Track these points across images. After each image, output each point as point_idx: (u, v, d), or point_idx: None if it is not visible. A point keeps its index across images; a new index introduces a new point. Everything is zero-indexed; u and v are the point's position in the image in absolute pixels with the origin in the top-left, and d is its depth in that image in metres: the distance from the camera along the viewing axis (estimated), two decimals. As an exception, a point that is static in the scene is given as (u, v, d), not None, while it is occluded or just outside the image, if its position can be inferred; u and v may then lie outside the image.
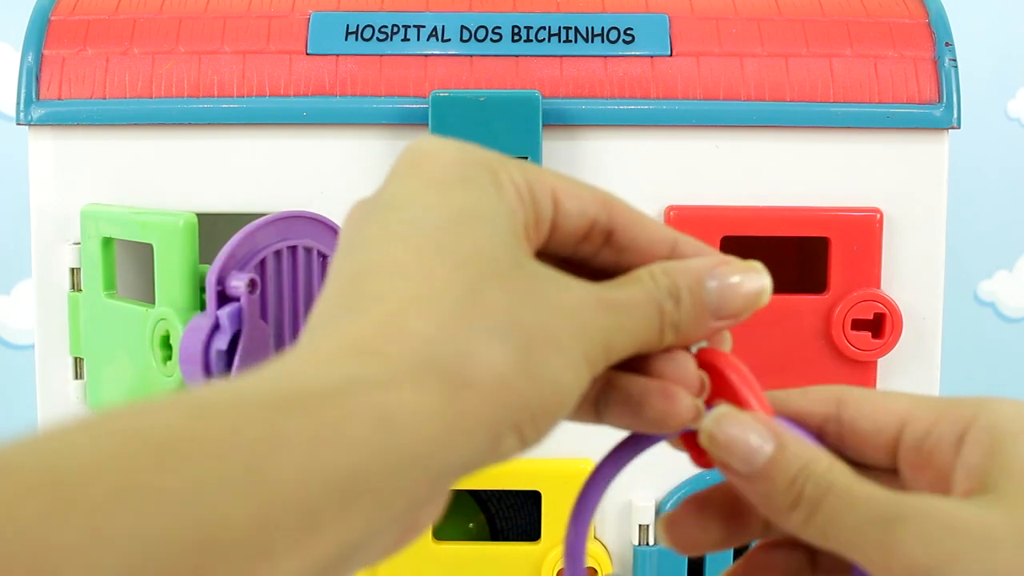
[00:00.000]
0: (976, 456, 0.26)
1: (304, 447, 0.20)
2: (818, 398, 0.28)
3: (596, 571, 0.47)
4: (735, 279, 0.26)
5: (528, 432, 0.23)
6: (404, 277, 0.23)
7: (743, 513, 0.28)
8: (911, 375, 0.47)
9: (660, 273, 0.26)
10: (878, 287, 0.46)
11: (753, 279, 0.26)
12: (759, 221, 0.46)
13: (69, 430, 0.19)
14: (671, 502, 0.47)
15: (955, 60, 0.47)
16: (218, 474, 0.19)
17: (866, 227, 0.46)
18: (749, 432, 0.26)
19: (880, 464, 0.28)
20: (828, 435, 0.28)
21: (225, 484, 0.19)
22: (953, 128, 0.46)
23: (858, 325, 0.46)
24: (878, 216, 0.46)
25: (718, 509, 0.29)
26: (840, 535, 0.25)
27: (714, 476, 0.49)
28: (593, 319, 0.24)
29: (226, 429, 0.19)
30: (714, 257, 0.26)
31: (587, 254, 0.27)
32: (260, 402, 0.20)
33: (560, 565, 0.47)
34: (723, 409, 0.26)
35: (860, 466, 0.27)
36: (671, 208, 0.46)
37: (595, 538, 0.47)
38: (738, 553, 0.48)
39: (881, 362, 0.47)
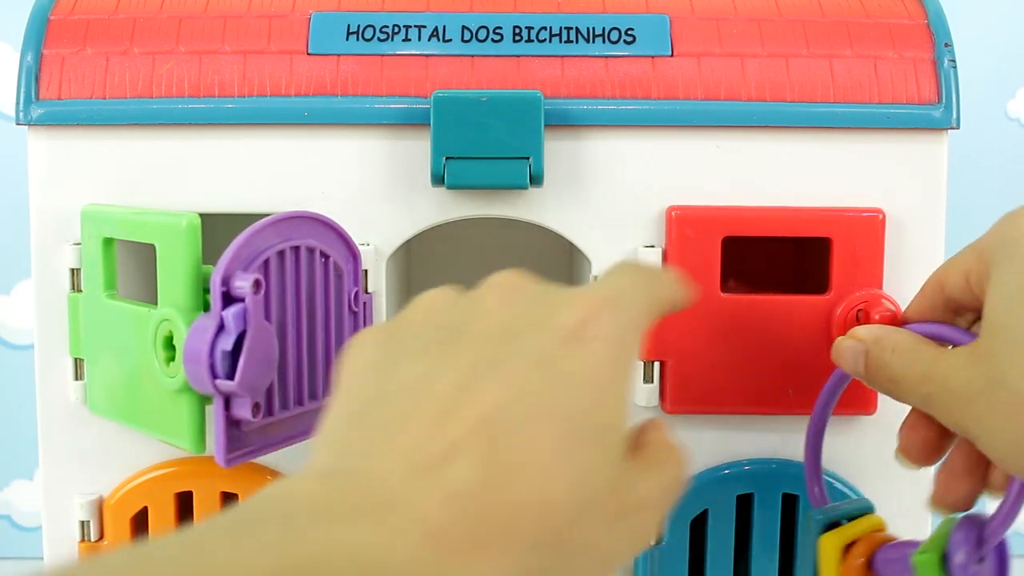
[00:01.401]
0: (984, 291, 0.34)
1: None
2: (924, 296, 0.38)
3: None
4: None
5: None
6: (534, 472, 0.25)
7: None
8: (911, 375, 0.47)
9: (668, 449, 0.31)
10: (880, 287, 0.46)
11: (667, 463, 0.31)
12: (760, 221, 0.46)
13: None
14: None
15: (954, 61, 0.47)
16: None
17: (868, 227, 0.46)
18: (844, 343, 0.38)
19: None
20: (967, 309, 0.36)
21: None
22: (953, 128, 0.47)
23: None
24: (880, 216, 0.46)
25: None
26: (909, 403, 0.36)
27: (712, 476, 0.49)
28: (652, 523, 0.29)
29: None
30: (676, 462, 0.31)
31: None
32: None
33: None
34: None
35: None
36: (672, 208, 0.46)
37: (596, 538, 0.47)
38: (740, 551, 0.48)
39: (882, 362, 0.47)
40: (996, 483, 0.36)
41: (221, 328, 0.37)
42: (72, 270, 0.46)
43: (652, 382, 0.46)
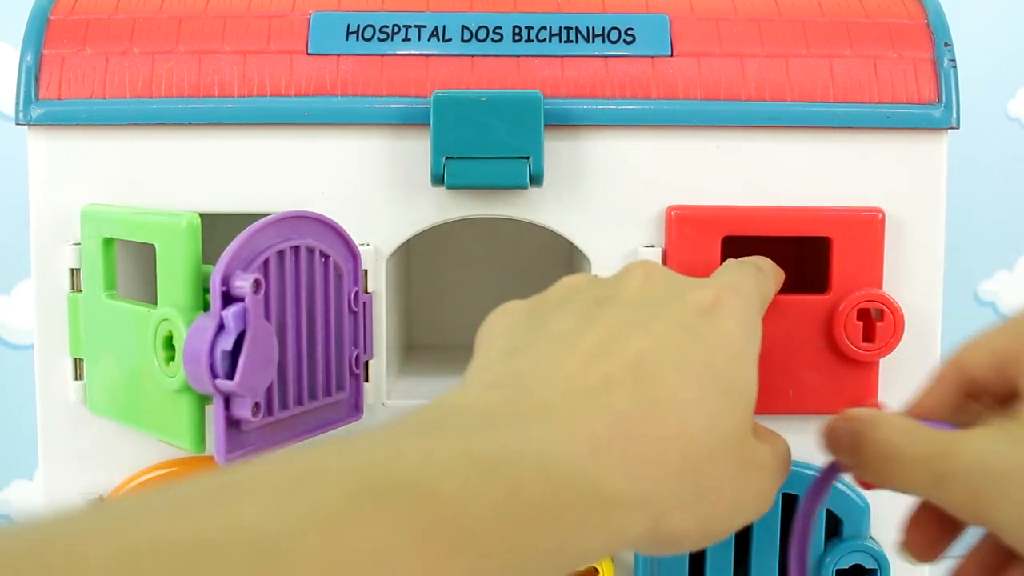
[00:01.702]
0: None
1: (587, 537, 0.25)
2: (943, 381, 0.34)
3: (597, 571, 0.47)
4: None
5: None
6: (679, 409, 0.28)
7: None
8: (911, 375, 0.47)
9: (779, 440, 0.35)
10: (880, 287, 0.45)
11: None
12: (760, 221, 0.46)
13: (455, 462, 0.23)
14: (672, 502, 0.47)
15: (954, 60, 0.47)
16: (544, 543, 0.24)
17: (868, 226, 0.45)
18: (836, 423, 0.34)
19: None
20: (989, 393, 0.33)
21: (544, 551, 0.24)
22: (953, 128, 0.47)
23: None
24: (880, 215, 0.46)
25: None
26: (912, 490, 0.32)
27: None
28: (772, 486, 0.32)
29: (559, 510, 0.24)
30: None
31: None
32: (579, 490, 0.25)
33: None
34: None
35: None
36: (672, 208, 0.46)
37: (596, 538, 0.48)
38: (739, 552, 0.48)
39: (882, 362, 0.47)
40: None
41: (221, 328, 0.37)
42: (72, 270, 0.46)
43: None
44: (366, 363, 0.46)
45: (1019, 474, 0.28)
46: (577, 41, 0.47)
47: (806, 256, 0.60)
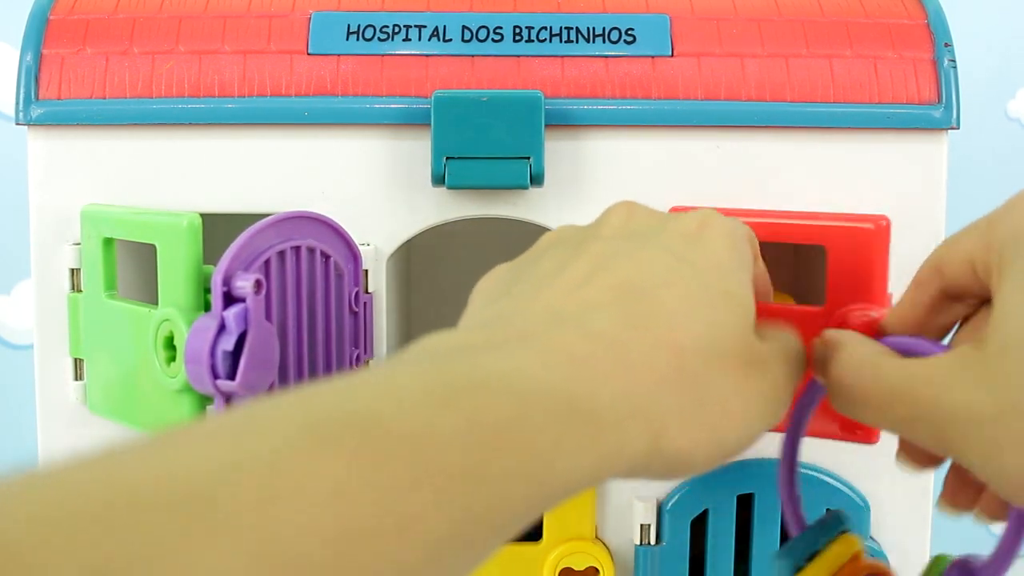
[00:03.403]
0: (993, 288, 0.29)
1: (575, 455, 0.24)
2: (920, 285, 0.33)
3: (598, 571, 0.47)
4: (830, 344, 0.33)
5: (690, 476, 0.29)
6: (668, 320, 0.28)
7: None
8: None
9: (783, 327, 0.33)
10: (884, 302, 0.41)
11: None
12: (755, 228, 0.44)
13: (414, 395, 0.22)
14: (672, 502, 0.47)
15: (954, 60, 0.47)
16: (527, 464, 0.22)
17: (867, 238, 0.40)
18: (816, 344, 0.33)
19: None
20: (968, 295, 0.32)
21: (529, 474, 0.22)
22: (953, 128, 0.47)
23: None
24: (884, 223, 0.40)
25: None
26: (878, 427, 0.31)
27: (712, 476, 0.49)
28: (787, 383, 0.31)
29: (538, 426, 0.23)
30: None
31: None
32: (556, 403, 0.24)
33: (562, 565, 0.47)
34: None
35: None
36: (671, 209, 0.46)
37: (596, 538, 0.48)
38: (739, 552, 0.48)
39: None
40: (991, 510, 0.32)
41: (222, 328, 0.37)
42: (72, 270, 0.46)
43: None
44: (366, 363, 0.46)
45: (989, 422, 0.27)
46: (577, 41, 0.47)
47: (804, 261, 0.60)
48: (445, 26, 0.47)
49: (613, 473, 0.25)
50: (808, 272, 0.58)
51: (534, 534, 0.48)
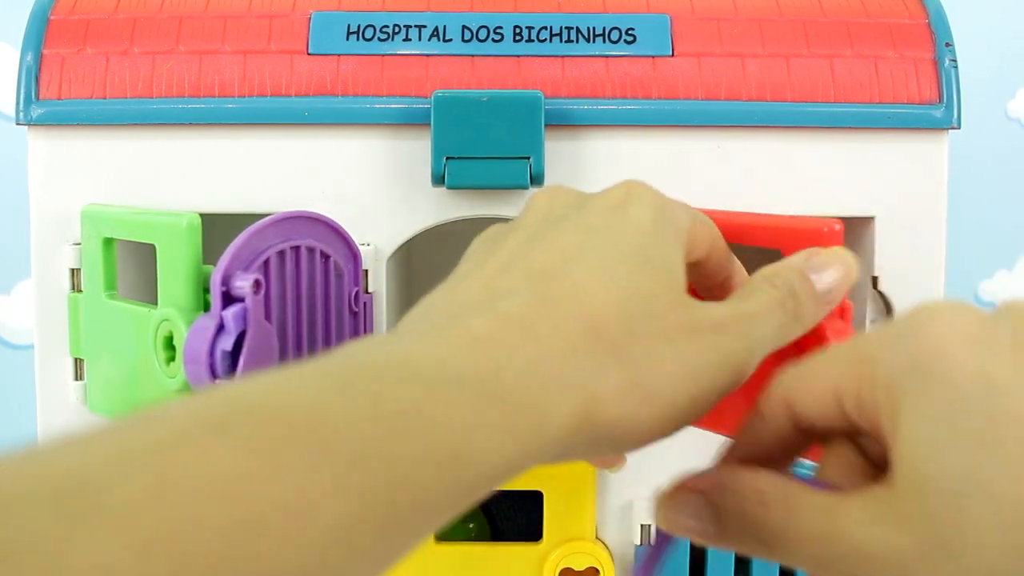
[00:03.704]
0: (882, 425, 0.26)
1: (491, 435, 0.23)
2: (764, 419, 0.30)
3: (598, 571, 0.47)
4: (831, 265, 0.31)
5: (643, 446, 0.27)
6: (580, 294, 0.27)
7: None
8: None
9: (772, 276, 0.31)
10: (839, 313, 0.36)
11: (840, 260, 0.31)
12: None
13: (316, 382, 0.21)
14: (672, 502, 0.47)
15: (955, 60, 0.47)
16: (433, 449, 0.21)
17: (821, 240, 0.36)
18: (677, 497, 0.29)
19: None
20: (818, 429, 0.29)
21: (436, 459, 0.21)
22: (953, 128, 0.46)
23: None
24: (838, 228, 0.36)
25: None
26: (789, 565, 0.27)
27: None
28: (735, 344, 0.28)
29: (445, 410, 0.22)
30: (804, 252, 0.31)
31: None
32: (466, 384, 0.23)
33: (562, 565, 0.47)
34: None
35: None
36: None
37: (596, 538, 0.48)
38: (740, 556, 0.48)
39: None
40: None
41: (221, 328, 0.37)
42: (72, 270, 0.46)
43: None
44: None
45: (916, 565, 0.24)
46: (578, 41, 0.47)
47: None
48: (445, 26, 0.47)
49: (548, 451, 0.24)
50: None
51: (534, 534, 0.48)
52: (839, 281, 0.31)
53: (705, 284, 0.34)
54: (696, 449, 0.47)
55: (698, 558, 0.48)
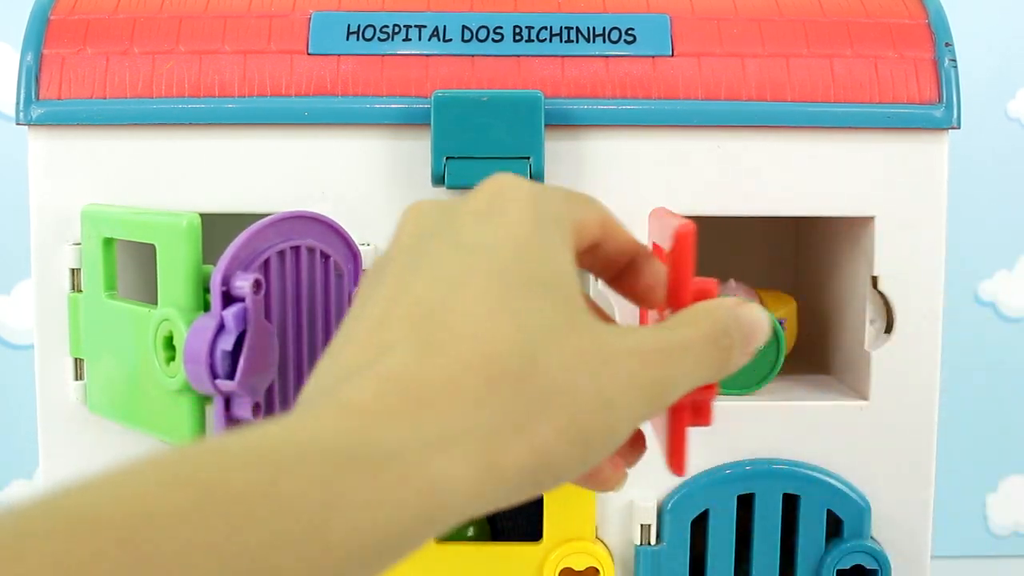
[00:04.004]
0: None
1: (362, 510, 0.21)
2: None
3: (598, 571, 0.47)
4: (756, 314, 0.30)
5: (566, 481, 0.26)
6: (472, 330, 0.25)
7: None
8: (911, 375, 0.47)
9: (712, 310, 0.29)
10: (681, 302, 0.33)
11: (762, 314, 0.30)
12: None
13: (140, 477, 0.20)
14: (672, 502, 0.47)
15: (955, 60, 0.47)
16: (286, 533, 0.20)
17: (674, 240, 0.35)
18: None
19: None
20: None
21: (291, 542, 0.20)
22: (953, 128, 0.46)
23: None
24: (691, 229, 0.34)
25: None
26: None
27: (713, 476, 0.49)
28: (651, 371, 0.27)
29: (297, 489, 0.20)
30: (734, 300, 0.30)
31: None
32: (327, 459, 0.21)
33: (562, 565, 0.47)
34: None
35: None
36: (653, 211, 0.46)
37: (596, 538, 0.48)
38: (740, 553, 0.48)
39: (882, 362, 0.47)
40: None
41: (221, 328, 0.37)
42: (72, 270, 0.46)
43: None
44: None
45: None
46: (578, 41, 0.47)
47: (807, 257, 0.60)
48: (445, 26, 0.47)
49: (456, 511, 0.23)
50: (811, 271, 0.58)
51: (534, 534, 0.48)
52: (762, 337, 0.30)
53: (609, 271, 0.32)
54: (697, 449, 0.48)
55: (698, 558, 0.48)
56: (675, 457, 0.30)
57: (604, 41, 0.47)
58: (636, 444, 0.32)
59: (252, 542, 0.19)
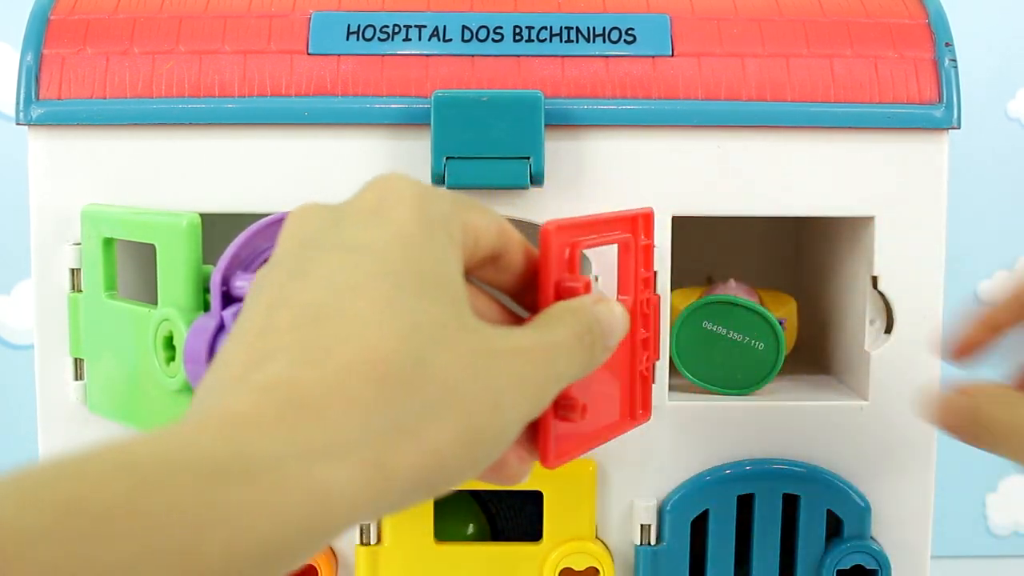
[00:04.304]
0: None
1: (237, 521, 0.20)
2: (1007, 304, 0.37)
3: (598, 571, 0.47)
4: (613, 311, 0.31)
5: (457, 484, 0.25)
6: (359, 332, 0.24)
7: None
8: (911, 375, 0.47)
9: (574, 310, 0.30)
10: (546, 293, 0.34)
11: (619, 310, 0.32)
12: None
13: (3, 497, 0.19)
14: (672, 502, 0.47)
15: (955, 60, 0.47)
16: (155, 548, 0.19)
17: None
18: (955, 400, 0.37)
19: None
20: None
21: (161, 557, 0.19)
22: (953, 128, 0.46)
23: None
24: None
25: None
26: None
27: (713, 476, 0.49)
28: (535, 370, 0.27)
29: (164, 502, 0.19)
30: (591, 296, 0.31)
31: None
32: (197, 470, 0.20)
33: (562, 565, 0.47)
34: None
35: None
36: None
37: (596, 538, 0.48)
38: (739, 553, 0.48)
39: (882, 362, 0.47)
40: None
41: (221, 328, 0.37)
42: (72, 270, 0.46)
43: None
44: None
45: None
46: (578, 41, 0.47)
47: (807, 256, 0.60)
48: (445, 26, 0.47)
49: (338, 520, 0.22)
50: (811, 271, 0.58)
51: (534, 534, 0.48)
52: (621, 330, 0.32)
53: (516, 286, 0.32)
54: (697, 449, 0.48)
55: (698, 558, 0.48)
56: (543, 450, 0.31)
57: (604, 41, 0.47)
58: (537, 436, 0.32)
59: (119, 559, 0.18)
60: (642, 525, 0.47)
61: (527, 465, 0.31)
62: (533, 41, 0.47)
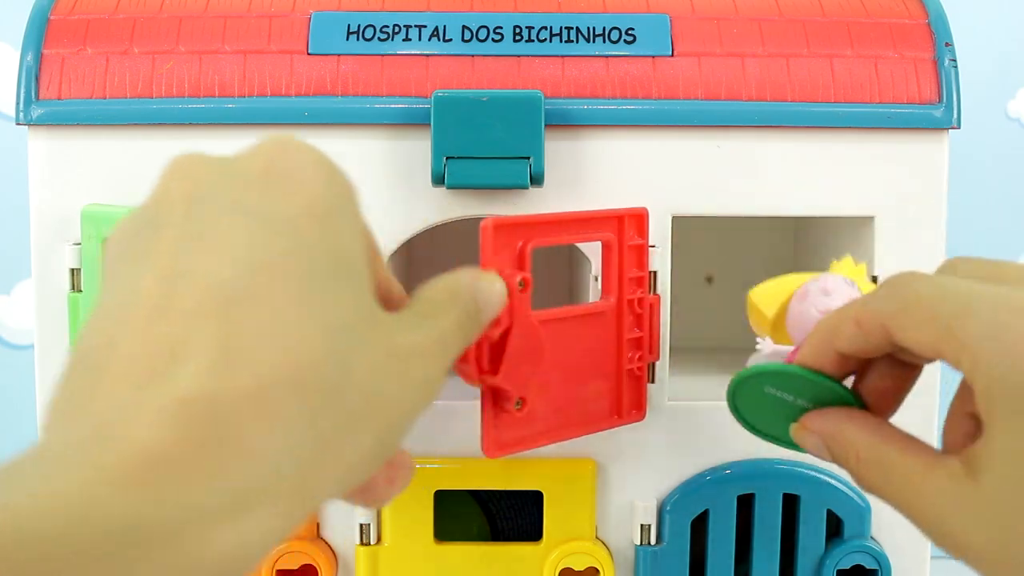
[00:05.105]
0: (978, 406, 0.28)
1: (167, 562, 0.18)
2: (867, 334, 0.32)
3: (598, 571, 0.47)
4: (492, 287, 0.32)
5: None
6: (278, 330, 0.21)
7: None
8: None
9: (453, 294, 0.30)
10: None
11: (497, 285, 0.33)
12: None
13: None
14: (672, 502, 0.47)
15: (955, 60, 0.47)
16: None
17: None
18: (802, 434, 0.34)
19: None
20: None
21: None
22: (953, 128, 0.46)
23: None
24: (488, 225, 0.39)
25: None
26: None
27: (713, 476, 0.49)
28: (430, 371, 0.26)
29: None
30: (469, 272, 0.31)
31: None
32: (103, 538, 0.18)
33: (562, 565, 0.47)
34: None
35: None
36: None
37: (596, 538, 0.48)
38: (739, 553, 0.48)
39: (882, 362, 0.47)
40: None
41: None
42: (72, 270, 0.46)
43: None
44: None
45: (979, 558, 0.27)
46: (577, 41, 0.47)
47: (805, 251, 0.60)
48: (445, 26, 0.47)
49: (258, 561, 0.20)
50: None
51: (534, 534, 0.48)
52: (497, 306, 0.32)
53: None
54: (697, 449, 0.48)
55: (698, 558, 0.48)
56: (483, 440, 0.32)
57: (604, 41, 0.47)
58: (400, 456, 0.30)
59: None
60: (642, 525, 0.47)
61: (395, 487, 0.29)
62: (533, 41, 0.47)
